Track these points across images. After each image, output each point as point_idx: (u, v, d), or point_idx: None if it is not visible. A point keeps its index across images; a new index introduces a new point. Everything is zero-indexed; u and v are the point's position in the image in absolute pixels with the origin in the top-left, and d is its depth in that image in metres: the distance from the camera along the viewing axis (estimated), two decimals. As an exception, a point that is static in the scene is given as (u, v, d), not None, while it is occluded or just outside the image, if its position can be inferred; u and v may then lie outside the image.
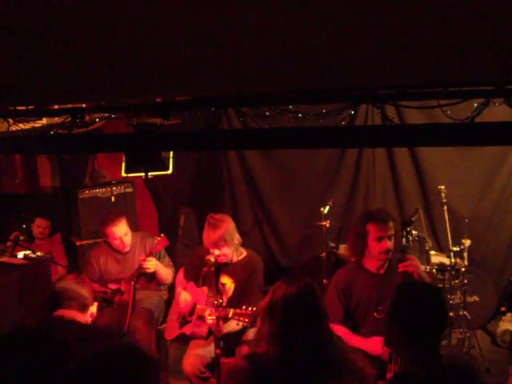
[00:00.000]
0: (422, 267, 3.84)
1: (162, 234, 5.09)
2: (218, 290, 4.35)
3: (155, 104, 3.44)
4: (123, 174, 4.11)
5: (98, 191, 6.23)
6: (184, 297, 4.52)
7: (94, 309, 3.34)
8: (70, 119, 4.04)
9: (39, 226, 6.20)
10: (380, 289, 3.90)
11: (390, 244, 3.86)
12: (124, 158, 3.94)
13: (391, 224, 3.89)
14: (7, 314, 4.35)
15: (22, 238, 5.87)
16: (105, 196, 6.23)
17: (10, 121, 4.44)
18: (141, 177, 4.70)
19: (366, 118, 5.84)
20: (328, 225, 5.73)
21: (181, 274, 4.79)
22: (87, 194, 6.19)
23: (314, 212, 5.87)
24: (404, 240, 3.91)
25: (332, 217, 5.76)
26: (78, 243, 6.16)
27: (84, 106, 3.74)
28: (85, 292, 3.29)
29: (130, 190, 6.31)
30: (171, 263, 5.27)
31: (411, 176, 6.15)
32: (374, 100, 3.27)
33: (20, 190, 6.56)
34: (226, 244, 4.34)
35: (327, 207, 5.76)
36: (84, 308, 3.25)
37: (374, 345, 3.71)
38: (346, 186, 6.30)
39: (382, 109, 3.17)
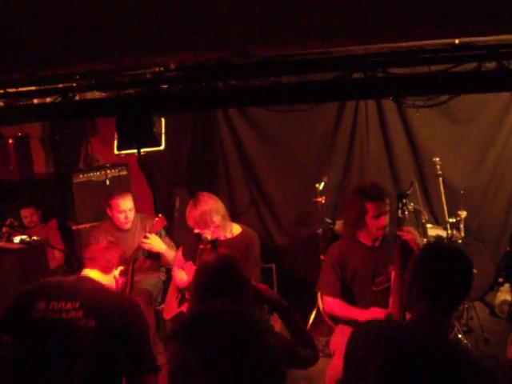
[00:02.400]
0: (419, 237, 3.86)
1: (160, 215, 5.10)
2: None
3: (145, 80, 3.43)
4: (116, 152, 4.09)
5: (93, 175, 6.23)
6: (180, 275, 4.53)
7: (116, 272, 3.37)
8: (59, 99, 4.02)
9: (25, 216, 6.22)
10: (375, 261, 3.92)
11: (386, 219, 3.89)
12: (116, 136, 3.92)
13: (387, 200, 3.92)
14: (8, 298, 4.35)
15: (15, 223, 5.87)
16: (99, 180, 6.22)
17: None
18: (134, 156, 4.68)
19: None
20: (324, 201, 5.74)
21: (179, 254, 4.79)
22: (82, 178, 6.19)
23: (310, 188, 5.87)
24: (399, 212, 3.92)
25: (327, 193, 5.76)
26: (74, 227, 6.16)
27: (74, 84, 3.72)
28: (108, 255, 3.35)
29: (124, 172, 6.30)
30: (172, 243, 5.26)
31: (405, 149, 6.14)
32: (365, 67, 3.27)
33: (14, 176, 6.53)
34: (205, 225, 4.28)
35: (322, 183, 5.76)
36: (106, 270, 3.31)
37: (372, 316, 3.72)
38: (341, 162, 6.28)
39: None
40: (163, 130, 3.99)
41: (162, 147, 4.00)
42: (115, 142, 4.07)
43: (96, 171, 6.25)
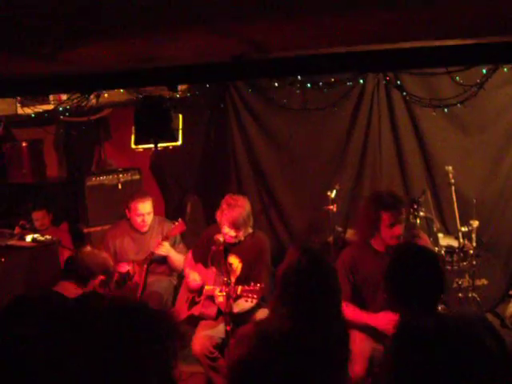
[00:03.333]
0: (431, 245, 3.86)
1: (179, 219, 5.12)
2: (227, 270, 4.35)
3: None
4: (133, 146, 4.12)
5: (105, 179, 6.27)
6: (193, 276, 4.55)
7: (97, 282, 3.27)
8: (77, 100, 4.05)
9: (37, 219, 6.23)
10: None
11: (401, 229, 3.88)
12: (133, 130, 3.95)
13: (403, 210, 3.92)
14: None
15: (27, 226, 5.89)
16: (112, 183, 6.27)
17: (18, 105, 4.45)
18: (147, 160, 4.71)
19: (373, 88, 5.92)
20: (335, 209, 5.70)
21: (189, 255, 4.81)
22: (94, 181, 6.22)
23: (321, 196, 5.85)
24: (411, 217, 3.92)
25: (339, 201, 5.74)
26: (85, 230, 6.19)
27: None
28: (88, 262, 3.25)
29: (136, 177, 6.35)
30: (185, 250, 5.27)
31: (417, 158, 6.14)
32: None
33: (27, 179, 6.58)
34: (244, 225, 4.39)
35: (334, 191, 5.73)
36: (83, 280, 3.22)
37: (383, 320, 3.70)
38: (353, 170, 6.28)
39: (388, 76, 3.17)
40: (180, 126, 4.01)
41: (179, 142, 4.03)
42: (132, 137, 4.10)
43: (108, 175, 6.29)
